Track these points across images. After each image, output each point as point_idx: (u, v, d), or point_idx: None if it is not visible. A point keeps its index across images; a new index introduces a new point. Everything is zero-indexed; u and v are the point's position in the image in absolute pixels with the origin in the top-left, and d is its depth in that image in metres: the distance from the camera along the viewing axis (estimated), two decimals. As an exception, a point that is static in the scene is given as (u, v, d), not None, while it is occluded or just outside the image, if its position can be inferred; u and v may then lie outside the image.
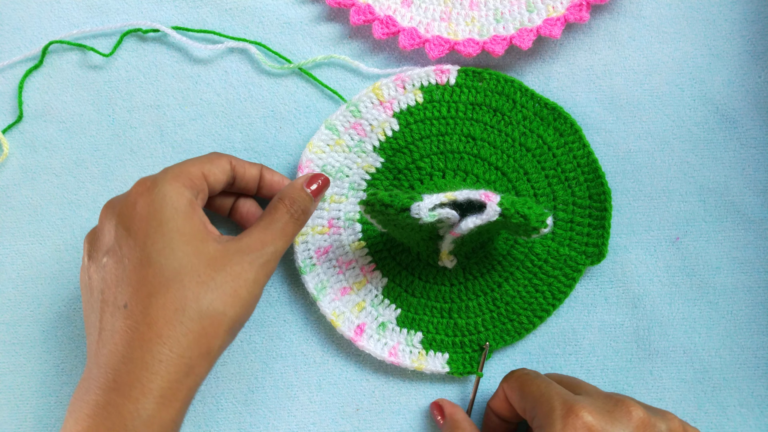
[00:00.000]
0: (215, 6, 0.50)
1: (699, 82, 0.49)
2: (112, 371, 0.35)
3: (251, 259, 0.38)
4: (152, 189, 0.38)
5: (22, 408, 0.48)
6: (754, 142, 0.49)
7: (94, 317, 0.38)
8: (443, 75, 0.48)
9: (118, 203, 0.40)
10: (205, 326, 0.36)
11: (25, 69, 0.50)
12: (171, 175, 0.39)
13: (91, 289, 0.39)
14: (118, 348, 0.36)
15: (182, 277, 0.36)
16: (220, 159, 0.42)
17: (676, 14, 0.49)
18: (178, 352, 0.36)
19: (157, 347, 0.35)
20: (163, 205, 0.38)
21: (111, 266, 0.38)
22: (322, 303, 0.47)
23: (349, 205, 0.48)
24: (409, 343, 0.47)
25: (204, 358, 0.37)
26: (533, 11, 0.48)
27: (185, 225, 0.38)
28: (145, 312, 0.36)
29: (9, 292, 0.49)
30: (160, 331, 0.35)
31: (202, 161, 0.41)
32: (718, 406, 0.48)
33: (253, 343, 0.48)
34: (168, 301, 0.36)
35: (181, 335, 0.36)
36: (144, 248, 0.37)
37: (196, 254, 0.37)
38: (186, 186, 0.39)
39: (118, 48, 0.50)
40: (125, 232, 0.38)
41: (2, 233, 0.49)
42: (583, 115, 0.49)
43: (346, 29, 0.50)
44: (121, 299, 0.37)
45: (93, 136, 0.50)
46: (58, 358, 0.48)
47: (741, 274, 0.48)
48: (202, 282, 0.37)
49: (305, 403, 0.48)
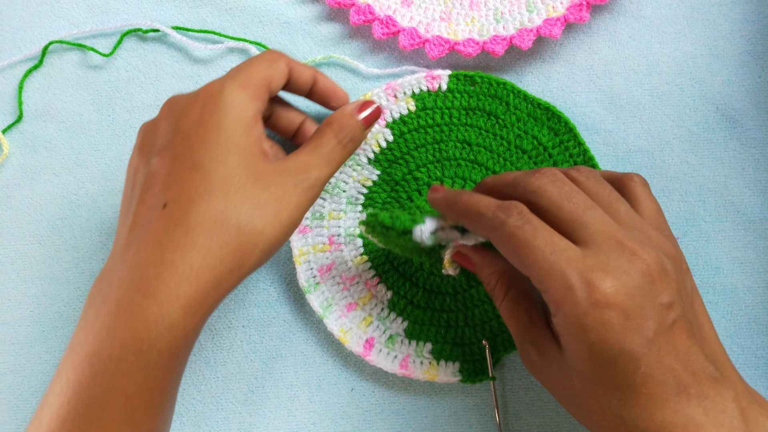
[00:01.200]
0: (215, 6, 0.50)
1: (699, 82, 0.49)
2: (140, 271, 0.34)
3: (296, 182, 0.38)
4: (218, 97, 0.37)
5: (22, 408, 0.48)
6: (754, 142, 0.49)
7: (129, 209, 0.38)
8: (434, 81, 0.48)
9: (180, 104, 0.39)
10: (241, 242, 0.36)
11: (25, 69, 0.50)
12: (238, 83, 0.38)
13: (134, 182, 0.38)
14: (148, 248, 0.35)
15: (228, 188, 0.36)
16: (279, 62, 0.41)
17: (676, 14, 0.49)
18: (211, 263, 0.35)
19: (191, 254, 0.34)
20: (226, 115, 0.37)
21: (159, 165, 0.37)
22: (328, 321, 0.47)
23: (348, 220, 0.48)
24: (420, 354, 0.47)
25: (234, 273, 0.36)
26: (533, 11, 0.48)
27: (242, 138, 0.37)
28: (184, 216, 0.35)
29: (9, 292, 0.49)
30: (196, 239, 0.35)
31: (263, 65, 0.40)
32: (718, 406, 0.48)
33: (253, 343, 0.48)
34: (209, 210, 0.35)
35: (217, 247, 0.35)
36: (196, 152, 0.36)
37: (246, 168, 0.36)
38: (251, 97, 0.38)
39: (118, 48, 0.50)
40: (181, 135, 0.37)
41: (2, 233, 0.49)
42: (583, 115, 0.49)
43: (346, 29, 0.50)
44: (161, 198, 0.36)
45: (93, 136, 0.50)
46: (58, 358, 0.48)
47: (741, 274, 0.48)
48: (246, 197, 0.36)
49: (305, 403, 0.48)
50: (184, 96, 0.39)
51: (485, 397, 0.48)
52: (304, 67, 0.43)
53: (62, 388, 0.35)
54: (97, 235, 0.49)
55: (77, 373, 0.34)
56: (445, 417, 0.48)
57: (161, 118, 0.39)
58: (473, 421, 0.47)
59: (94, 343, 0.34)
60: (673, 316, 0.34)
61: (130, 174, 0.40)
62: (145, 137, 0.40)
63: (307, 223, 0.48)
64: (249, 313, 0.49)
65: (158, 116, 0.40)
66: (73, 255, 0.49)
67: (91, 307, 0.36)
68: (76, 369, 0.34)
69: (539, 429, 0.47)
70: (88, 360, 0.34)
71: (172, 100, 0.40)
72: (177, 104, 0.39)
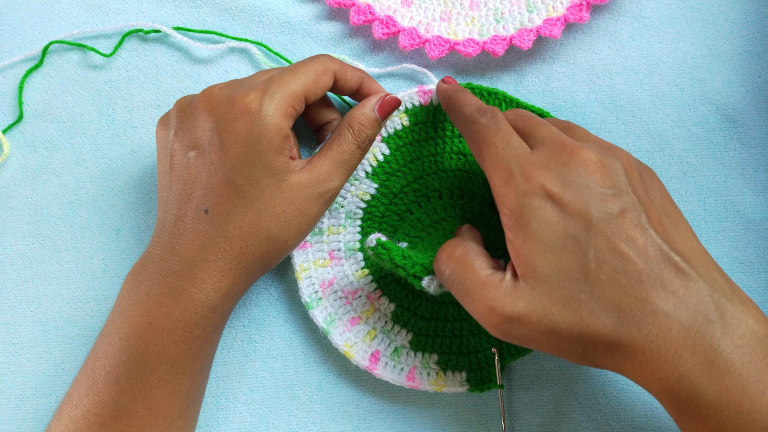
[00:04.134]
0: (215, 6, 0.50)
1: (699, 82, 0.49)
2: (188, 265, 0.41)
3: (318, 194, 0.42)
4: (256, 113, 0.41)
5: (22, 408, 0.48)
6: (754, 142, 0.49)
7: (170, 198, 0.42)
8: (426, 96, 0.48)
9: (219, 108, 0.41)
10: (270, 250, 0.42)
11: (25, 69, 0.50)
12: (276, 102, 0.41)
13: (172, 166, 0.43)
14: (195, 246, 0.41)
15: (260, 206, 0.41)
16: (325, 75, 0.43)
17: (676, 14, 0.49)
18: (245, 265, 0.42)
19: (230, 257, 0.41)
20: (261, 137, 0.41)
21: (198, 166, 0.42)
22: (333, 336, 0.47)
23: (348, 234, 0.48)
24: (426, 365, 0.47)
25: (262, 271, 0.43)
26: (533, 11, 0.48)
27: (275, 160, 0.41)
28: (223, 226, 0.41)
29: (9, 292, 0.49)
30: (233, 246, 0.41)
31: (308, 77, 0.42)
32: (718, 405, 0.48)
33: (253, 343, 0.48)
34: (245, 224, 0.41)
35: (250, 254, 0.41)
36: (231, 169, 0.41)
37: (277, 189, 0.41)
38: (286, 116, 0.41)
39: (118, 48, 0.50)
40: (219, 142, 0.41)
41: (2, 233, 0.49)
42: (583, 115, 0.49)
43: (346, 29, 0.50)
44: (204, 203, 0.41)
45: (93, 136, 0.50)
46: (58, 358, 0.48)
47: (741, 274, 0.48)
48: (276, 214, 0.41)
49: (305, 403, 0.48)
50: (222, 95, 0.42)
51: (484, 396, 0.48)
52: (352, 72, 0.45)
53: (116, 351, 0.41)
54: (97, 235, 0.49)
55: (131, 339, 0.41)
56: (445, 416, 0.48)
57: (199, 112, 0.42)
58: (473, 421, 0.47)
59: (148, 315, 0.41)
60: (620, 205, 0.36)
61: (165, 151, 0.43)
62: (182, 121, 0.43)
63: (307, 239, 0.48)
64: (249, 313, 0.49)
65: (196, 105, 0.42)
66: (73, 255, 0.49)
67: (140, 284, 0.42)
68: (131, 336, 0.41)
69: (539, 429, 0.47)
70: (143, 329, 0.41)
71: (210, 95, 0.42)
72: (216, 105, 0.42)
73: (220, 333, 0.44)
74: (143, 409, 0.40)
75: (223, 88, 0.42)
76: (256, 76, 0.44)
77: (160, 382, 0.41)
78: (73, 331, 0.49)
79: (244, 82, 0.43)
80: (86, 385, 0.41)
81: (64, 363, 0.48)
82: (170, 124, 0.43)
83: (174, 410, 0.41)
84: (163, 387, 0.41)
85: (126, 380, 0.40)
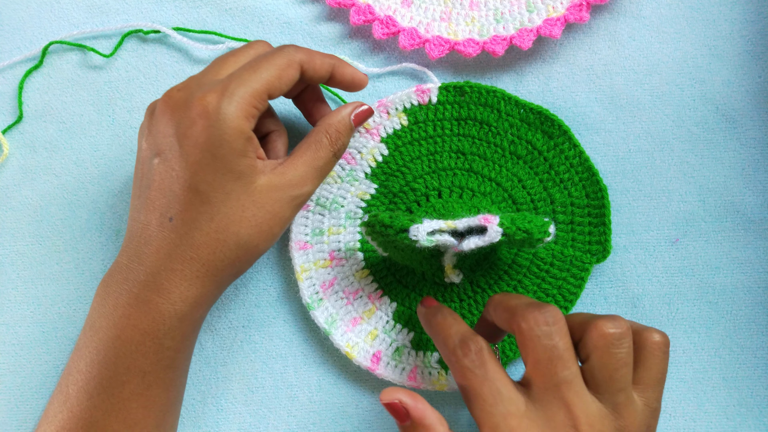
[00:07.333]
0: (215, 6, 0.50)
1: (699, 82, 0.49)
2: (154, 275, 0.40)
3: (291, 197, 0.41)
4: (215, 116, 0.38)
5: (22, 408, 0.48)
6: (754, 142, 0.49)
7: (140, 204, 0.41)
8: (424, 95, 0.48)
9: (180, 110, 0.39)
10: (240, 255, 0.40)
11: (25, 69, 0.50)
12: (236, 101, 0.39)
13: (142, 174, 0.41)
14: (160, 255, 0.40)
15: (227, 211, 0.39)
16: (289, 69, 0.41)
17: (676, 14, 0.49)
18: (213, 272, 0.40)
19: (197, 265, 0.40)
20: (221, 141, 0.39)
21: (161, 173, 0.40)
22: (334, 336, 0.47)
23: (348, 235, 0.48)
24: (428, 364, 0.47)
25: (232, 277, 0.42)
26: (533, 11, 0.48)
27: (238, 163, 0.39)
28: (188, 233, 0.39)
29: (9, 292, 0.49)
30: (200, 253, 0.40)
31: (271, 72, 0.40)
32: (718, 406, 0.48)
33: (253, 343, 0.48)
34: (212, 230, 0.39)
35: (219, 261, 0.40)
36: (194, 176, 0.39)
37: (244, 192, 0.40)
38: (247, 117, 0.39)
39: (118, 48, 0.50)
40: (179, 149, 0.39)
41: (2, 233, 0.49)
42: (583, 115, 0.49)
43: (346, 29, 0.50)
44: (168, 211, 0.40)
45: (93, 136, 0.50)
46: (58, 358, 0.48)
47: (741, 274, 0.48)
48: (245, 218, 0.40)
49: (305, 403, 0.48)
50: (180, 98, 0.40)
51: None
52: (321, 60, 0.43)
53: (87, 366, 0.40)
54: (97, 235, 0.49)
55: (101, 354, 0.40)
56: (447, 415, 0.47)
57: (160, 114, 0.40)
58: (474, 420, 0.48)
59: (116, 328, 0.40)
60: None
61: (138, 158, 0.42)
62: (149, 126, 0.41)
63: (308, 240, 0.48)
64: (249, 313, 0.49)
65: (158, 110, 0.41)
66: (73, 255, 0.49)
67: (108, 296, 0.41)
68: (100, 351, 0.40)
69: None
70: (112, 343, 0.40)
71: (169, 97, 0.40)
72: (175, 109, 0.40)
73: (192, 342, 0.42)
74: (118, 423, 0.40)
75: (181, 89, 0.41)
76: (216, 66, 0.42)
77: (133, 395, 0.40)
78: (73, 332, 0.49)
79: (203, 80, 0.40)
80: (60, 401, 0.41)
81: (64, 363, 0.48)
82: (143, 131, 0.42)
83: (149, 422, 0.41)
84: (137, 400, 0.40)
85: (98, 395, 0.40)
